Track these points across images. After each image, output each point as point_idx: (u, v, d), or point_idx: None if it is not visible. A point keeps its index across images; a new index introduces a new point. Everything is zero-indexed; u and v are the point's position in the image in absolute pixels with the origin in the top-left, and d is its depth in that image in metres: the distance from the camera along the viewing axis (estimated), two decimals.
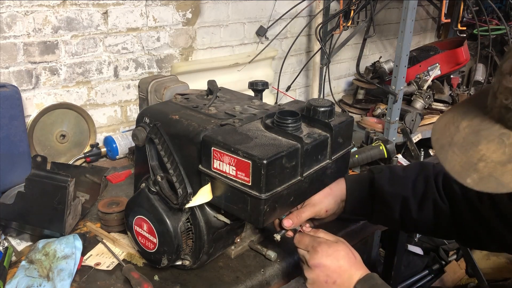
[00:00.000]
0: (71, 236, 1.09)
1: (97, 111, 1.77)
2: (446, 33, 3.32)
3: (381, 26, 2.83)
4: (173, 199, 0.92)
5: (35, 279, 0.98)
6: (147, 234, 0.98)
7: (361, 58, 2.18)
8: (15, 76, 1.52)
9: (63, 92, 1.65)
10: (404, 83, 2.05)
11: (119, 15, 1.70)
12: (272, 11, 2.20)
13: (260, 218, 0.81)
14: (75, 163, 1.61)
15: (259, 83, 1.12)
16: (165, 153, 0.93)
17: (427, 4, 3.03)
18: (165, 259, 0.96)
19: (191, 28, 1.94)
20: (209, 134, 0.87)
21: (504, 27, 2.48)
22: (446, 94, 2.41)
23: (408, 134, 1.96)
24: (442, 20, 2.31)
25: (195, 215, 0.94)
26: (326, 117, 0.93)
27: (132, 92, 1.84)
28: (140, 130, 0.99)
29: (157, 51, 1.86)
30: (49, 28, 1.55)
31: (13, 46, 1.49)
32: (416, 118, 2.09)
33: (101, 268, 1.06)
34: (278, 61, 2.32)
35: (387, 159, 1.58)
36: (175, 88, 1.53)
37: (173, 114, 0.97)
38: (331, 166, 0.95)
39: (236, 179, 0.82)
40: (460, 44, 2.40)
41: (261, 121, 0.94)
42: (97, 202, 1.31)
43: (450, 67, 2.39)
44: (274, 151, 0.80)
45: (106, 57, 1.72)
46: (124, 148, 1.67)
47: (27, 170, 1.30)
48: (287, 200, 0.86)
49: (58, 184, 1.10)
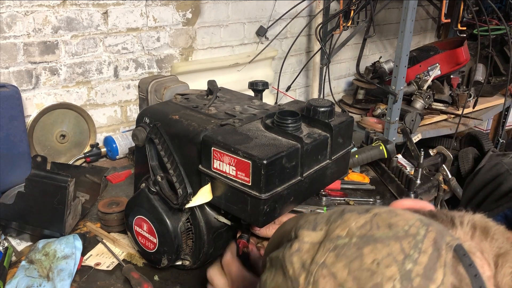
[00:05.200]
0: (71, 236, 1.09)
1: (97, 111, 1.77)
2: (446, 33, 3.32)
3: (381, 26, 2.83)
4: (173, 199, 0.92)
5: (35, 279, 0.98)
6: (147, 234, 0.98)
7: (361, 58, 2.18)
8: (15, 76, 1.52)
9: (63, 92, 1.66)
10: (404, 83, 2.05)
11: (119, 15, 1.70)
12: (272, 11, 2.20)
13: (260, 218, 0.81)
14: (75, 163, 1.61)
15: (259, 83, 1.12)
16: (165, 153, 0.93)
17: (427, 4, 3.03)
18: (165, 259, 0.96)
19: (191, 28, 1.94)
20: (209, 134, 0.86)
21: (504, 27, 2.48)
22: (446, 94, 2.41)
23: (408, 134, 1.96)
24: (442, 20, 2.31)
25: (195, 215, 0.94)
26: (326, 117, 0.93)
27: (132, 92, 1.84)
28: (140, 130, 0.99)
29: (157, 51, 1.86)
30: (49, 28, 1.55)
31: (13, 46, 1.49)
32: (416, 118, 2.09)
33: (101, 268, 1.06)
34: (278, 61, 2.32)
35: (387, 159, 1.58)
36: (175, 88, 1.53)
37: (173, 114, 0.97)
38: (331, 166, 0.95)
39: (236, 179, 0.81)
40: (460, 44, 2.40)
41: (261, 121, 0.94)
42: (97, 202, 1.31)
43: (450, 67, 2.39)
44: (274, 151, 0.80)
45: (106, 57, 1.72)
46: (124, 148, 1.67)
47: (27, 170, 1.30)
48: (287, 200, 0.86)
49: (58, 184, 1.10)
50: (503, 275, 0.46)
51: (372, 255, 0.44)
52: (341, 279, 0.43)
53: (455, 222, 0.51)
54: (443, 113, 2.37)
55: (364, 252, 0.44)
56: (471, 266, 0.45)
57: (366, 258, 0.44)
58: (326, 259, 0.45)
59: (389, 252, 0.44)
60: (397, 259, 0.43)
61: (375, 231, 0.46)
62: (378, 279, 0.42)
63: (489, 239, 0.49)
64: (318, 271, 0.45)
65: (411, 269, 0.43)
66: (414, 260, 0.43)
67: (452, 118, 2.37)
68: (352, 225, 0.47)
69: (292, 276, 0.47)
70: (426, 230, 0.46)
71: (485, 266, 0.47)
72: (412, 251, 0.44)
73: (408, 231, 0.46)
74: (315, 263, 0.46)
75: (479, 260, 0.47)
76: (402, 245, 0.44)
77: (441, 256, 0.44)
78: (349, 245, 0.45)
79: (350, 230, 0.47)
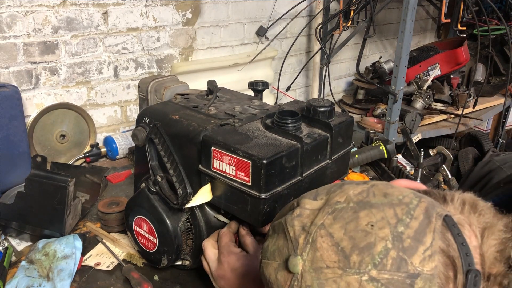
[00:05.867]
0: (71, 236, 1.09)
1: (97, 111, 1.77)
2: (446, 33, 3.32)
3: (381, 26, 2.83)
4: (173, 199, 0.92)
5: (35, 279, 0.98)
6: (147, 234, 0.98)
7: (361, 58, 2.18)
8: (15, 76, 1.52)
9: (63, 92, 1.66)
10: (404, 83, 2.05)
11: (119, 15, 1.70)
12: (272, 11, 2.20)
13: (260, 218, 0.81)
14: (75, 163, 1.61)
15: (259, 83, 1.12)
16: (165, 153, 0.93)
17: (427, 4, 3.03)
18: (165, 259, 0.96)
19: (191, 28, 1.94)
20: (209, 134, 0.87)
21: (504, 27, 2.48)
22: (446, 94, 2.41)
23: (408, 134, 1.96)
24: (442, 20, 2.31)
25: (195, 215, 0.94)
26: (326, 117, 0.93)
27: (132, 92, 1.84)
28: (140, 130, 0.99)
29: (157, 51, 1.86)
30: (49, 28, 1.55)
31: (13, 46, 1.49)
32: (416, 118, 2.09)
33: (101, 268, 1.06)
34: (278, 61, 2.32)
35: (387, 159, 1.58)
36: (175, 88, 1.53)
37: (173, 114, 0.97)
38: (331, 166, 0.95)
39: (236, 179, 0.81)
40: (460, 44, 2.40)
41: (261, 121, 0.94)
42: (97, 202, 1.31)
43: (450, 67, 2.39)
44: (274, 151, 0.80)
45: (106, 57, 1.72)
46: (124, 148, 1.67)
47: (27, 170, 1.30)
48: (287, 200, 0.86)
49: (58, 184, 1.10)
50: (488, 246, 0.50)
51: (367, 218, 0.47)
52: (337, 239, 0.47)
53: (446, 198, 0.55)
54: (443, 113, 2.37)
55: (360, 216, 0.48)
56: (459, 235, 0.49)
57: (362, 221, 0.47)
58: (325, 221, 0.49)
59: (383, 216, 0.47)
60: (390, 222, 0.47)
61: (371, 198, 0.50)
62: (371, 238, 0.46)
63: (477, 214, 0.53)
64: (317, 231, 0.48)
65: (403, 232, 0.46)
66: (406, 224, 0.47)
67: (452, 118, 2.37)
68: (350, 192, 0.51)
69: (292, 238, 0.50)
70: (419, 201, 0.49)
71: (472, 237, 0.51)
72: (404, 217, 0.47)
73: (402, 200, 0.49)
74: (314, 224, 0.49)
75: (467, 232, 0.51)
76: (395, 211, 0.48)
77: (431, 222, 0.47)
78: (346, 209, 0.49)
79: (348, 196, 0.50)
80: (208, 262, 0.87)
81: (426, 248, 0.45)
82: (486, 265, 0.49)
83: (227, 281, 0.82)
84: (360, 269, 0.44)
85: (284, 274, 0.49)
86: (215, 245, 0.88)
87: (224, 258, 0.83)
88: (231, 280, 0.82)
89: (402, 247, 0.45)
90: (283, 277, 0.49)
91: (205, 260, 0.88)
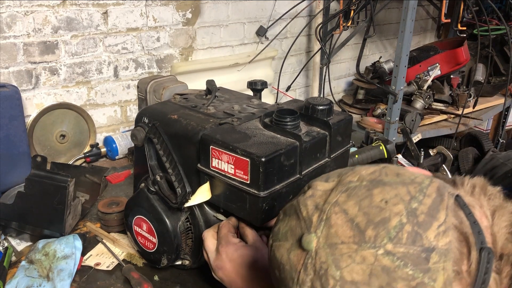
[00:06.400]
0: (71, 236, 1.09)
1: (97, 111, 1.77)
2: (446, 33, 3.32)
3: (381, 26, 2.83)
4: (172, 198, 0.92)
5: (35, 279, 0.98)
6: (146, 234, 0.98)
7: (361, 58, 2.18)
8: (15, 76, 1.52)
9: (63, 92, 1.66)
10: (404, 83, 2.05)
11: (119, 15, 1.71)
12: (272, 11, 2.20)
13: (259, 216, 0.81)
14: (75, 163, 1.61)
15: (258, 83, 1.12)
16: (164, 152, 0.93)
17: (427, 4, 3.03)
18: (165, 259, 0.96)
19: (191, 28, 1.94)
20: (207, 133, 0.87)
21: (504, 27, 2.47)
22: (446, 94, 2.41)
23: (408, 134, 1.96)
24: (442, 20, 2.30)
25: (194, 215, 0.94)
26: (324, 115, 0.93)
27: (132, 92, 1.84)
28: (139, 130, 0.99)
29: (157, 51, 1.86)
30: (49, 28, 1.55)
31: (13, 46, 1.49)
32: (416, 118, 2.09)
33: (101, 268, 1.06)
34: (278, 61, 2.32)
35: (387, 159, 1.58)
36: (174, 88, 1.53)
37: (172, 114, 0.97)
38: (330, 164, 0.95)
39: (234, 177, 0.81)
40: (460, 44, 2.40)
41: (259, 120, 0.94)
42: (97, 202, 1.31)
43: (450, 67, 2.39)
44: (272, 149, 0.80)
45: (106, 57, 1.72)
46: (124, 148, 1.67)
47: (27, 170, 1.30)
48: (285, 198, 0.86)
49: (58, 184, 1.10)
50: (499, 227, 0.51)
51: (380, 195, 0.48)
52: (352, 215, 0.47)
53: (456, 182, 0.56)
54: (443, 113, 2.37)
55: (374, 193, 0.48)
56: (470, 215, 0.50)
57: (376, 197, 0.48)
58: (339, 199, 0.49)
59: (396, 194, 0.48)
60: (404, 199, 0.47)
61: (384, 177, 0.50)
62: (386, 214, 0.46)
63: (487, 197, 0.54)
64: (331, 209, 0.49)
65: (417, 208, 0.46)
66: (419, 201, 0.47)
67: (452, 118, 2.37)
68: (363, 172, 0.51)
69: (306, 217, 0.50)
70: (430, 181, 0.50)
71: (483, 218, 0.52)
72: (417, 194, 0.48)
73: (414, 179, 0.50)
74: (328, 203, 0.49)
75: (477, 212, 0.52)
76: (408, 189, 0.48)
77: (443, 200, 0.48)
78: (360, 187, 0.49)
79: (361, 176, 0.51)
80: (208, 252, 0.86)
81: (440, 224, 0.46)
82: (498, 245, 0.50)
83: (225, 271, 0.82)
84: (376, 243, 0.44)
85: (297, 253, 0.49)
86: (215, 236, 0.88)
87: (222, 249, 0.82)
88: (229, 270, 0.81)
89: (417, 221, 0.45)
90: (297, 256, 0.49)
91: (205, 250, 0.88)
